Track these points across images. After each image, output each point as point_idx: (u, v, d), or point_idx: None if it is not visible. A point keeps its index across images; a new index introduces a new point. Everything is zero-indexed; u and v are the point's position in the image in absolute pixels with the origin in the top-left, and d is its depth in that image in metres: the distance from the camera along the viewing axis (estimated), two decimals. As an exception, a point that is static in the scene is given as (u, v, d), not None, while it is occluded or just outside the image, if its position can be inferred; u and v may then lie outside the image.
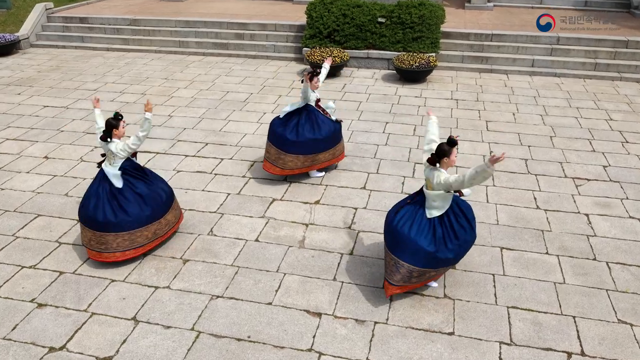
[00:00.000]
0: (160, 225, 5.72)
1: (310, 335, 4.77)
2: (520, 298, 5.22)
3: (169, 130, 9.10)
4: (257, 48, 13.54)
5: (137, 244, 5.58)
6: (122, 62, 13.02)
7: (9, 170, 7.77)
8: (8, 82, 11.57)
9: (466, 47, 12.52)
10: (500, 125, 9.28)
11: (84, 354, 4.58)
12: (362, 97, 10.67)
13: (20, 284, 5.44)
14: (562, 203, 6.87)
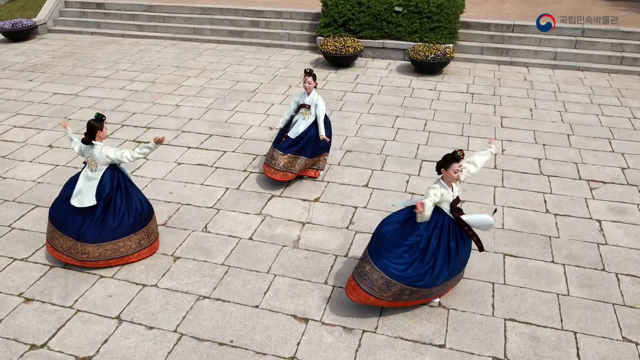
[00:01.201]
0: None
1: (294, 342, 4.61)
2: (519, 310, 4.96)
3: (174, 120, 8.99)
4: (272, 36, 13.31)
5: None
6: (136, 49, 12.95)
7: (12, 159, 7.77)
8: (22, 68, 11.62)
9: (486, 38, 12.07)
10: (516, 121, 8.90)
11: (64, 353, 4.51)
12: (374, 89, 10.38)
13: (10, 277, 5.41)
14: (574, 207, 6.53)
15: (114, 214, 5.25)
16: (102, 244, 5.25)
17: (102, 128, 5.18)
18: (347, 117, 9.08)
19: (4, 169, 7.47)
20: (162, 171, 7.36)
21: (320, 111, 6.72)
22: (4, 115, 9.21)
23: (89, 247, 5.23)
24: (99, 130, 5.16)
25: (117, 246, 5.33)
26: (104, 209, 5.24)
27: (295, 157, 6.79)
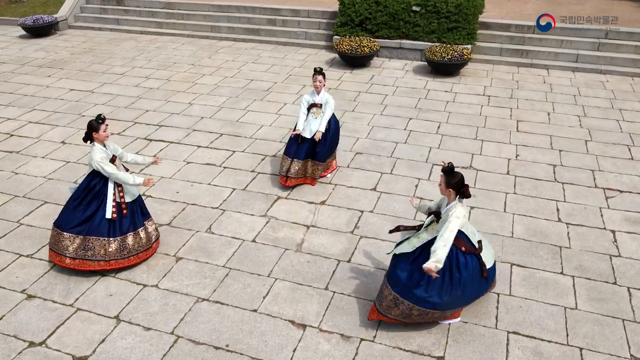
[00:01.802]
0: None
1: (290, 348, 4.55)
2: (523, 323, 4.82)
3: (186, 118, 9.00)
4: (289, 35, 13.25)
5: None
6: (153, 46, 13.03)
7: (25, 155, 7.86)
8: (41, 64, 11.78)
9: (505, 39, 11.82)
10: (532, 125, 8.69)
11: (61, 352, 4.53)
12: (388, 89, 10.25)
13: (14, 273, 5.46)
14: (588, 217, 6.33)
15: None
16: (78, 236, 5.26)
17: (99, 130, 5.08)
18: (359, 118, 8.98)
19: (16, 165, 7.56)
20: (171, 170, 7.37)
21: (329, 108, 6.66)
22: (20, 111, 9.34)
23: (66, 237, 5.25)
24: (95, 132, 5.10)
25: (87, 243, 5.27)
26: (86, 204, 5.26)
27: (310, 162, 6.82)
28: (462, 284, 4.37)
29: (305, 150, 6.76)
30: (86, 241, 5.24)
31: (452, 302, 4.46)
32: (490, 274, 4.59)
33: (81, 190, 5.29)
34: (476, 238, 4.48)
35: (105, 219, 5.23)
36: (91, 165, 5.15)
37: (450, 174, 4.15)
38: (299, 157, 6.76)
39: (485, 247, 4.58)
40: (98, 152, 5.11)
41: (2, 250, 5.79)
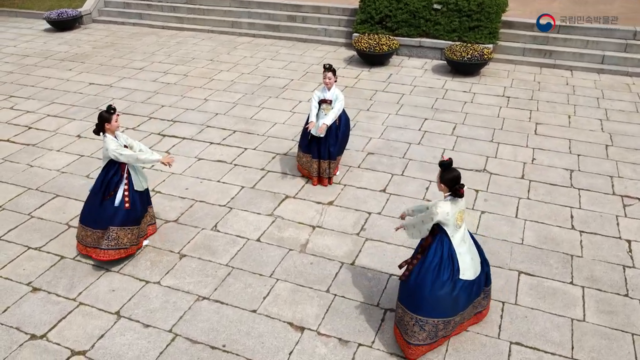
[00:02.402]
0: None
1: (287, 351, 4.51)
2: (528, 333, 4.68)
3: (201, 114, 9.03)
4: (308, 31, 13.19)
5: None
6: (174, 41, 13.11)
7: (42, 147, 7.99)
8: (63, 58, 11.97)
9: (529, 39, 11.54)
10: (551, 129, 8.46)
11: (61, 345, 4.58)
12: (406, 89, 10.10)
13: (22, 265, 5.55)
14: (603, 225, 6.13)
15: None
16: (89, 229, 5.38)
17: (111, 120, 5.15)
18: (374, 117, 8.87)
19: (32, 157, 7.69)
20: (182, 166, 7.40)
21: (338, 103, 6.58)
22: (40, 104, 9.51)
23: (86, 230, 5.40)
24: (107, 122, 5.15)
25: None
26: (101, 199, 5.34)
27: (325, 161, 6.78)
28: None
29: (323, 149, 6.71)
30: (110, 232, 5.32)
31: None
32: (468, 289, 4.29)
33: (100, 184, 5.33)
34: (461, 247, 4.22)
35: (123, 209, 5.33)
36: (107, 156, 5.20)
37: (446, 169, 4.05)
38: (324, 157, 6.73)
39: (466, 261, 4.25)
40: (112, 142, 5.17)
41: (11, 243, 5.89)
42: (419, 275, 4.20)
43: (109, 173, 5.31)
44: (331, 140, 6.72)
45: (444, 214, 4.03)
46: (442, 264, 4.12)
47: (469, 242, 4.28)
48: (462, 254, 4.15)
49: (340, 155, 7.05)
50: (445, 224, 4.09)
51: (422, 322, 4.21)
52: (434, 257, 4.15)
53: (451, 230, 4.11)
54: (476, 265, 4.28)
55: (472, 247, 4.31)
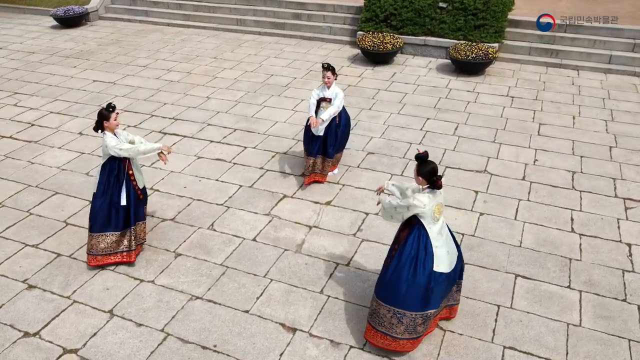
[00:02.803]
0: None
1: (277, 352, 4.49)
2: (522, 338, 4.63)
3: (202, 113, 9.03)
4: (313, 29, 13.14)
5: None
6: (179, 39, 13.13)
7: (43, 144, 8.03)
8: (68, 54, 12.02)
9: (535, 38, 11.41)
10: (555, 129, 8.35)
11: (53, 343, 4.59)
12: (409, 88, 10.03)
13: (18, 262, 5.58)
14: (603, 228, 6.05)
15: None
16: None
17: (109, 118, 5.12)
18: (375, 117, 8.82)
19: (33, 154, 7.73)
20: (181, 164, 7.40)
21: (337, 100, 6.55)
22: (43, 101, 9.55)
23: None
24: (105, 120, 5.14)
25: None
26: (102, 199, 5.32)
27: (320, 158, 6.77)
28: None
29: (318, 146, 6.70)
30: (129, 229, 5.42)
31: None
32: (439, 279, 4.21)
33: (104, 185, 5.28)
34: (438, 240, 4.16)
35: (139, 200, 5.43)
36: (106, 153, 5.18)
37: (423, 162, 4.03)
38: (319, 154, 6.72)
39: (442, 254, 4.19)
40: (111, 140, 5.14)
41: (9, 240, 5.92)
42: (395, 268, 4.18)
43: (112, 172, 5.26)
44: (330, 139, 6.71)
45: (421, 205, 4.00)
46: (418, 257, 4.10)
47: (447, 235, 4.25)
48: (438, 247, 4.12)
49: (340, 153, 7.03)
50: (422, 217, 4.06)
51: (399, 314, 4.18)
52: (410, 250, 4.12)
53: (428, 223, 4.08)
54: (452, 259, 4.26)
55: (449, 240, 4.28)
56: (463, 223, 6.12)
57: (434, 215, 4.06)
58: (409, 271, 4.10)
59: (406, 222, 4.22)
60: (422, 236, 4.10)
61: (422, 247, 4.09)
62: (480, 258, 5.58)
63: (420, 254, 4.09)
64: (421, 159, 4.04)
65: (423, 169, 4.04)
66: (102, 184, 5.23)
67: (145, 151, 5.22)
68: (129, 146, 5.13)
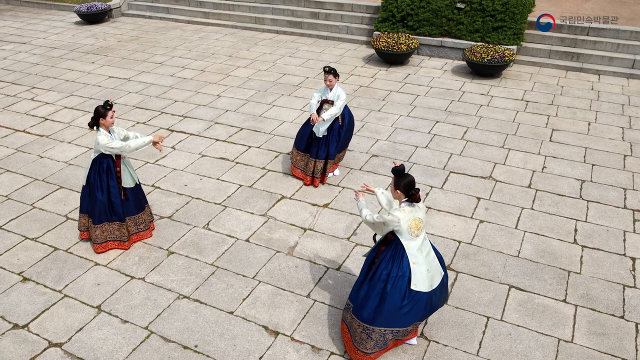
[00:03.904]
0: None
1: (257, 355, 4.47)
2: (509, 352, 4.49)
3: (211, 111, 9.07)
4: (330, 29, 13.08)
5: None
6: (197, 36, 13.23)
7: (54, 139, 8.19)
8: (88, 50, 12.24)
9: (556, 41, 11.10)
10: (568, 136, 8.11)
11: (40, 336, 4.67)
12: (421, 90, 9.88)
13: (17, 255, 5.69)
14: (608, 240, 5.84)
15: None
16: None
17: (106, 116, 5.18)
18: (383, 118, 8.72)
19: (43, 148, 7.89)
20: (184, 162, 7.45)
21: (339, 102, 6.50)
22: (59, 96, 9.75)
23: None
24: (102, 118, 5.19)
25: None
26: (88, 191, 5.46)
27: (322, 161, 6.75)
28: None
29: (322, 148, 6.67)
30: (135, 218, 5.68)
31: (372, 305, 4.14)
32: (419, 300, 4.09)
33: (92, 179, 5.38)
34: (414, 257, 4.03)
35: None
36: (97, 150, 5.25)
37: (400, 175, 3.93)
38: (321, 157, 6.70)
39: (420, 272, 4.05)
40: (103, 137, 5.20)
41: (10, 232, 6.05)
42: (370, 284, 4.10)
43: (101, 168, 5.35)
44: (332, 140, 6.67)
45: (396, 220, 3.91)
46: (391, 273, 4.00)
47: (428, 253, 4.11)
48: (417, 264, 4.00)
49: (341, 154, 6.97)
50: (398, 232, 3.97)
51: (368, 330, 4.10)
52: (386, 265, 4.04)
53: (406, 239, 3.98)
54: (433, 279, 4.11)
55: (430, 259, 4.13)
56: (461, 230, 5.99)
57: (410, 230, 3.96)
58: (383, 287, 4.02)
59: (385, 237, 4.14)
60: (399, 252, 4.01)
61: (397, 264, 4.00)
62: (475, 267, 5.45)
63: (394, 270, 4.00)
64: (398, 172, 3.95)
65: (400, 182, 3.95)
66: (90, 178, 5.32)
67: (137, 147, 5.26)
68: (120, 144, 5.18)
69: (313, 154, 6.71)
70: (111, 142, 5.13)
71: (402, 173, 3.96)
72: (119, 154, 5.27)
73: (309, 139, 6.77)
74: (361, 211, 4.29)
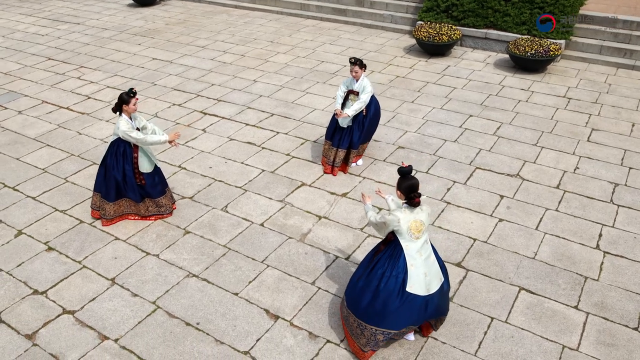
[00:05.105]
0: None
1: (255, 337, 4.57)
2: (508, 355, 4.39)
3: (246, 95, 9.21)
4: (374, 17, 12.93)
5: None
6: (242, 21, 13.40)
7: (94, 117, 8.55)
8: (136, 32, 12.65)
9: (609, 36, 10.54)
10: (608, 136, 7.73)
11: (56, 303, 4.95)
12: (459, 82, 9.65)
13: (45, 225, 6.03)
14: (634, 248, 5.56)
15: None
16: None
17: (129, 103, 5.41)
18: (415, 110, 8.58)
19: (82, 125, 8.26)
20: (212, 145, 7.62)
21: (364, 95, 6.47)
22: (104, 75, 10.15)
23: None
24: (125, 104, 5.41)
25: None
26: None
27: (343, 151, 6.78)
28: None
29: (345, 138, 6.70)
30: (157, 202, 5.94)
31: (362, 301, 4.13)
32: (416, 303, 4.02)
33: (110, 160, 5.65)
34: (411, 260, 3.97)
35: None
36: (116, 134, 5.51)
37: (403, 176, 3.89)
38: (343, 146, 6.72)
39: (417, 275, 3.99)
40: (124, 123, 5.43)
41: (42, 204, 6.40)
42: (366, 280, 4.09)
43: (118, 150, 5.58)
44: (356, 130, 6.67)
45: (395, 220, 3.87)
46: (385, 272, 3.97)
47: (428, 257, 4.03)
48: (414, 266, 3.94)
49: (365, 144, 6.95)
50: (397, 232, 3.93)
51: (362, 326, 4.10)
52: (383, 264, 4.02)
53: (405, 240, 3.93)
54: (430, 283, 4.02)
55: (430, 263, 4.04)
56: (478, 228, 5.86)
57: (410, 232, 3.92)
58: (377, 285, 4.01)
59: (386, 237, 4.12)
60: (397, 253, 3.98)
61: (393, 263, 3.97)
62: (487, 266, 5.33)
63: (389, 269, 3.98)
64: (403, 172, 3.92)
65: (402, 183, 3.92)
66: (107, 160, 5.56)
67: (152, 142, 5.49)
68: (138, 135, 5.40)
69: (335, 143, 6.73)
70: (131, 132, 5.35)
71: (407, 174, 3.91)
72: (134, 143, 5.48)
73: (334, 128, 6.79)
74: (367, 213, 4.28)
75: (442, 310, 4.21)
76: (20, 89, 9.57)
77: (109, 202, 5.77)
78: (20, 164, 7.23)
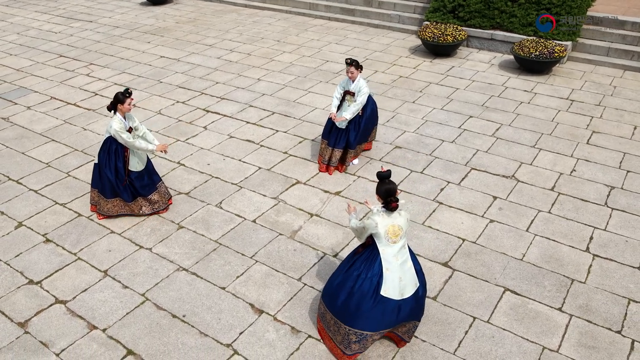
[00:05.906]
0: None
1: (238, 330, 4.66)
2: (487, 354, 4.42)
3: (248, 94, 9.32)
4: (382, 17, 12.95)
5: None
6: (250, 20, 13.52)
7: (99, 113, 8.74)
8: (146, 30, 12.85)
9: (617, 38, 10.43)
10: (608, 139, 7.67)
11: (49, 293, 5.10)
12: (462, 83, 9.64)
13: (45, 218, 6.20)
14: (624, 252, 5.53)
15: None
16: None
17: (124, 102, 5.53)
18: (415, 110, 8.61)
19: (88, 121, 8.45)
20: (212, 142, 7.74)
21: (360, 97, 6.53)
22: (111, 72, 10.35)
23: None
24: (120, 104, 5.54)
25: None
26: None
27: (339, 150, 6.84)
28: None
29: (341, 138, 6.76)
30: (149, 199, 6.05)
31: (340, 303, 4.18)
32: (387, 307, 4.06)
33: (103, 158, 5.78)
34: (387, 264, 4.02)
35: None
36: (108, 132, 5.65)
37: (381, 181, 3.95)
38: (339, 146, 6.79)
39: (392, 279, 4.03)
40: (117, 122, 5.58)
41: (44, 197, 6.57)
42: (342, 280, 4.16)
43: (111, 148, 5.72)
44: (352, 130, 6.72)
45: (373, 224, 3.93)
46: (361, 274, 4.05)
47: (404, 262, 4.06)
48: (389, 270, 3.99)
49: (361, 145, 7.00)
50: (375, 236, 4.00)
51: (337, 324, 4.17)
52: (359, 265, 4.10)
53: (382, 244, 3.99)
54: (405, 288, 4.05)
55: (406, 268, 4.07)
56: (467, 228, 5.88)
57: (388, 236, 3.97)
58: (352, 286, 4.08)
59: (365, 240, 4.19)
60: (374, 256, 4.04)
61: (369, 266, 4.04)
62: (474, 267, 5.35)
63: (365, 272, 4.04)
64: (381, 177, 3.98)
65: (380, 187, 3.98)
66: (100, 157, 5.70)
67: (139, 148, 5.64)
68: (128, 137, 5.54)
69: (331, 143, 6.80)
70: (122, 132, 5.48)
71: (385, 179, 3.97)
72: (122, 143, 5.61)
73: (330, 128, 6.85)
74: (350, 220, 4.32)
75: (415, 315, 4.23)
76: (31, 85, 9.81)
77: (106, 199, 5.91)
78: (26, 158, 7.43)
